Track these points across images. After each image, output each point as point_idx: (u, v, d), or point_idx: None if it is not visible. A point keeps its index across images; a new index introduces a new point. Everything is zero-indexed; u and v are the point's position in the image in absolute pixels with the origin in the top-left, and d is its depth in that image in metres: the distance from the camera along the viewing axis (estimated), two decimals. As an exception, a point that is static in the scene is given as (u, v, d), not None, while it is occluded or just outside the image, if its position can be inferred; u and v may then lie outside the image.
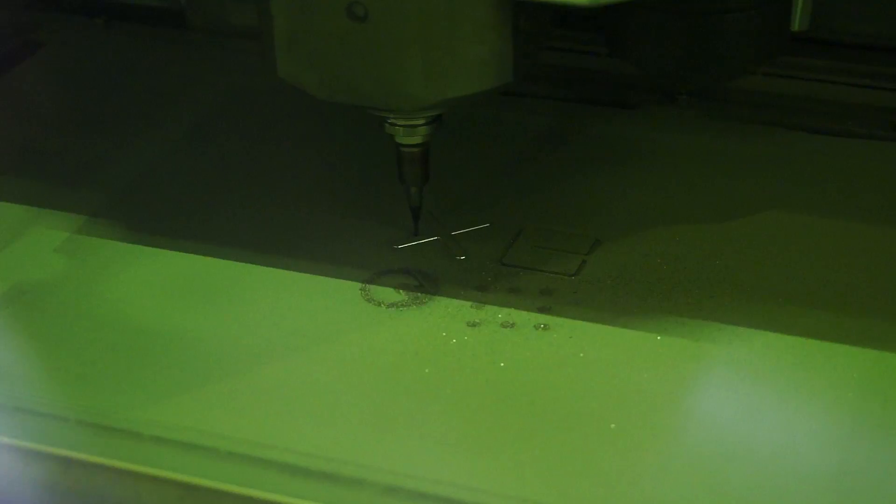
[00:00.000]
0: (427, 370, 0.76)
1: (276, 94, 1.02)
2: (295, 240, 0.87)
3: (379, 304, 0.81)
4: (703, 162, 0.94)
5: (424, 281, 0.83)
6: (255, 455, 0.71)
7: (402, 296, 0.82)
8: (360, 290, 0.82)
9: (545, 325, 0.79)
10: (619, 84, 1.02)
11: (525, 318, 0.79)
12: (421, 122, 0.81)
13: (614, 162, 0.94)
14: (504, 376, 0.75)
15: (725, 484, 0.68)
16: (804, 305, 0.80)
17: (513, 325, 0.79)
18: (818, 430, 0.71)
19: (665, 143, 0.96)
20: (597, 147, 0.96)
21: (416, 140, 0.82)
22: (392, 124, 0.82)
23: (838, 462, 0.69)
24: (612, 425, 0.72)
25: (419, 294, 0.82)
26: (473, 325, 0.79)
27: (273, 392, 0.75)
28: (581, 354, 0.76)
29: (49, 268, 0.85)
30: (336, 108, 0.81)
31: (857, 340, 0.76)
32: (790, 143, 0.95)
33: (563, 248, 0.85)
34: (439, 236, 0.86)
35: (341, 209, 0.90)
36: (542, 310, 0.80)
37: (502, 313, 0.80)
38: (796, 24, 0.85)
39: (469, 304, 0.81)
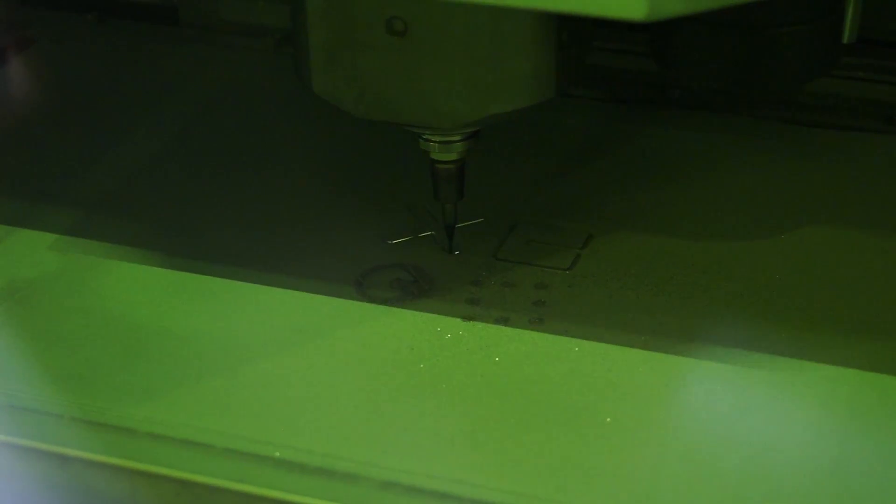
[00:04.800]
0: (422, 365, 0.76)
1: (269, 90, 1.02)
2: (288, 235, 0.87)
3: (373, 300, 0.81)
4: (696, 155, 0.94)
5: (419, 276, 0.83)
6: (250, 451, 0.71)
7: (396, 291, 0.82)
8: (354, 285, 0.82)
9: (540, 320, 0.79)
10: (613, 79, 1.02)
11: (520, 312, 0.79)
12: (457, 138, 0.79)
13: (607, 156, 0.94)
14: (499, 371, 0.75)
15: (721, 478, 0.68)
16: (799, 297, 0.80)
17: (507, 320, 0.79)
18: (813, 424, 0.71)
19: (659, 137, 0.96)
20: (590, 141, 0.96)
21: (452, 157, 0.80)
22: (427, 140, 0.80)
23: (834, 456, 0.69)
24: (608, 419, 0.72)
25: (413, 289, 0.81)
26: (468, 320, 0.79)
27: (268, 388, 0.75)
28: (576, 348, 0.76)
29: (42, 265, 0.85)
30: (330, 104, 0.81)
31: (854, 332, 0.77)
32: (785, 137, 0.95)
33: (557, 242, 0.85)
34: (433, 231, 0.86)
35: (335, 204, 0.89)
36: (536, 304, 0.80)
37: (497, 308, 0.80)
38: (846, 37, 0.84)
39: (463, 298, 0.81)
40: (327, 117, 0.98)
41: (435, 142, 0.79)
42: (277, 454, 0.70)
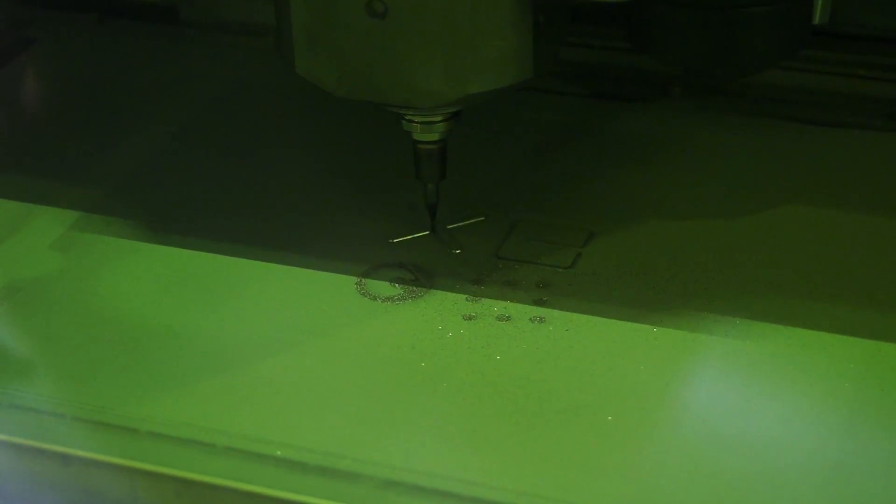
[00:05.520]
0: (423, 364, 0.76)
1: (270, 88, 1.02)
2: (290, 234, 0.87)
3: (374, 298, 0.81)
4: (698, 153, 0.94)
5: (420, 275, 0.83)
6: (251, 450, 0.71)
7: (397, 290, 0.81)
8: (356, 284, 0.82)
9: (541, 318, 0.79)
10: (616, 77, 1.02)
11: (521, 310, 0.79)
12: (439, 118, 0.81)
13: (609, 154, 0.94)
14: (500, 369, 0.75)
15: (723, 475, 0.68)
16: (801, 296, 0.80)
17: (509, 318, 0.79)
18: (815, 421, 0.71)
19: (660, 135, 0.96)
20: (591, 139, 0.96)
21: (434, 137, 0.82)
22: (409, 121, 0.81)
23: (836, 452, 0.69)
24: (609, 417, 0.72)
25: (415, 288, 0.81)
26: (469, 318, 0.79)
27: (269, 387, 0.75)
28: (577, 347, 0.76)
29: (44, 264, 0.85)
30: (331, 101, 0.81)
31: (855, 331, 0.76)
32: (785, 135, 0.95)
33: (558, 240, 0.85)
34: (434, 230, 0.86)
35: (336, 203, 0.89)
36: (537, 302, 0.80)
37: (498, 306, 0.80)
38: (817, 18, 0.85)
39: (465, 297, 0.81)
40: (329, 116, 0.98)
41: (417, 122, 0.81)
42: (279, 453, 0.70)
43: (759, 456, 0.69)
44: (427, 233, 0.86)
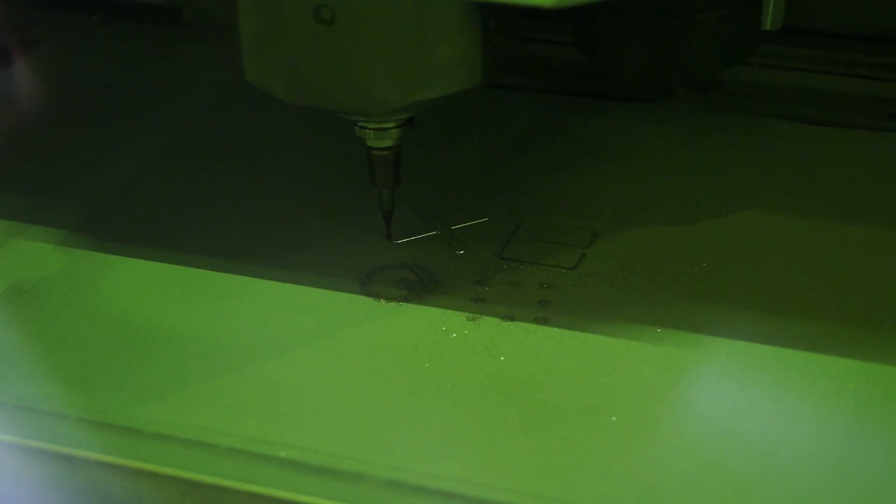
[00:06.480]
0: (427, 365, 0.76)
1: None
2: (294, 235, 0.87)
3: (378, 299, 0.81)
4: (701, 154, 0.94)
5: (424, 275, 0.83)
6: (255, 451, 0.71)
7: (401, 290, 0.82)
8: (360, 285, 0.82)
9: (545, 319, 0.79)
10: (618, 78, 1.01)
11: (525, 311, 0.79)
12: (392, 125, 0.81)
13: (613, 155, 0.94)
14: (504, 370, 0.75)
15: (726, 477, 0.68)
16: (804, 297, 0.80)
17: (512, 319, 0.79)
18: (819, 422, 0.71)
19: (663, 135, 0.96)
20: (595, 140, 0.96)
21: (387, 143, 0.82)
22: (363, 128, 0.81)
23: (839, 454, 0.69)
24: (613, 418, 0.72)
25: (419, 288, 0.82)
26: (473, 319, 0.79)
27: (273, 388, 0.75)
28: (581, 347, 0.76)
29: (47, 266, 0.85)
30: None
31: (858, 330, 0.76)
32: (788, 135, 0.95)
33: (562, 241, 0.85)
34: (438, 231, 0.86)
35: (340, 204, 0.89)
36: (541, 303, 0.80)
37: (502, 307, 0.80)
38: (768, 23, 0.85)
39: (469, 297, 0.81)
40: (332, 118, 0.98)
41: (370, 129, 0.81)
42: (283, 454, 0.70)
43: (762, 457, 0.69)
44: (432, 234, 0.86)
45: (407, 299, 0.81)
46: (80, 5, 1.14)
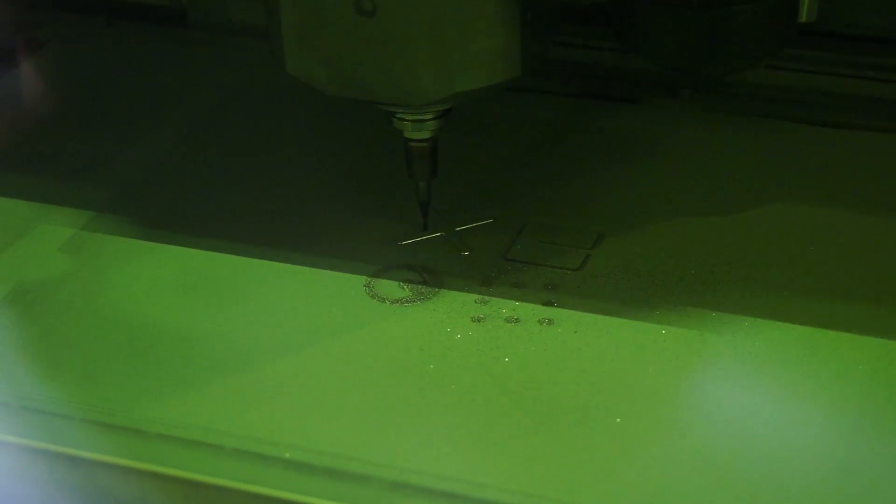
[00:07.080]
0: (432, 366, 0.76)
1: (279, 90, 1.02)
2: (299, 236, 0.87)
3: (383, 300, 0.81)
4: (707, 155, 0.94)
5: (428, 276, 0.83)
6: (260, 452, 0.71)
7: (406, 291, 0.81)
8: (365, 286, 0.82)
9: (550, 320, 0.79)
10: (624, 79, 1.01)
11: (529, 312, 0.79)
12: (429, 116, 0.81)
13: (618, 156, 0.94)
14: (509, 371, 0.75)
15: (731, 477, 0.68)
16: (809, 297, 0.80)
17: (517, 320, 0.79)
18: (824, 421, 0.71)
19: (669, 136, 0.96)
20: (600, 141, 0.96)
21: (425, 135, 0.82)
22: (401, 119, 0.82)
23: (844, 454, 0.69)
24: (618, 419, 0.72)
25: (423, 290, 0.81)
26: (478, 320, 0.79)
27: (278, 389, 0.75)
28: (586, 348, 0.76)
29: (53, 266, 0.85)
30: (339, 104, 0.81)
31: (863, 331, 0.76)
32: (795, 136, 0.95)
33: (567, 242, 0.85)
34: (443, 232, 0.86)
35: (345, 205, 0.89)
36: (546, 304, 0.80)
37: (507, 308, 0.80)
38: (804, 16, 0.85)
39: (473, 299, 0.81)
40: (338, 118, 0.98)
41: (408, 120, 0.81)
42: (287, 455, 0.70)
43: (768, 457, 0.69)
44: (437, 234, 0.86)
45: (412, 300, 0.81)
46: (85, 6, 1.15)
